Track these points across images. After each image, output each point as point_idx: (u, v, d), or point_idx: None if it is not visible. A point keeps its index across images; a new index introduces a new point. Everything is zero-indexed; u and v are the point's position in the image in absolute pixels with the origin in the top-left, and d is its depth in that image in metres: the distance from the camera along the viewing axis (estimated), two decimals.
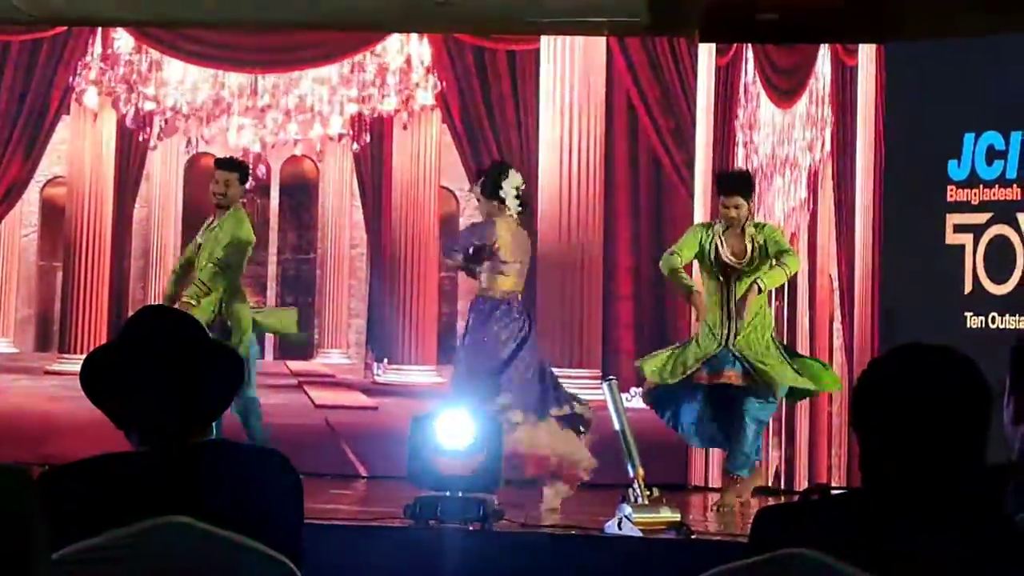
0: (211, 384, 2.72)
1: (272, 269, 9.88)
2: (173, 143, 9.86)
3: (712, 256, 7.78)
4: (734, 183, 7.91)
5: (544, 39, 9.60)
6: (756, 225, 7.89)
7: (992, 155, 8.57)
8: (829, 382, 8.02)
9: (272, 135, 9.86)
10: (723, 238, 7.78)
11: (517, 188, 7.71)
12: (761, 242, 7.76)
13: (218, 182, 7.95)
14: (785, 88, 9.45)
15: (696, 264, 7.99)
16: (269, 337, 9.82)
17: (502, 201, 7.65)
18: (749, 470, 7.87)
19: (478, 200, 7.79)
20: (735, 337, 7.71)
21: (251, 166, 8.68)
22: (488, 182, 7.70)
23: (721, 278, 7.79)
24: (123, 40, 9.83)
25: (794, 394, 8.02)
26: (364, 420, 9.46)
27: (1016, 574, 2.23)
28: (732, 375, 7.72)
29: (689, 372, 7.73)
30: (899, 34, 9.09)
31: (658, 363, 7.83)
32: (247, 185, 8.23)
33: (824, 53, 9.37)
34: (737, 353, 7.71)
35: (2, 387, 9.68)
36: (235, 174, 7.98)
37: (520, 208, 7.72)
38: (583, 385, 9.40)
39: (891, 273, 8.94)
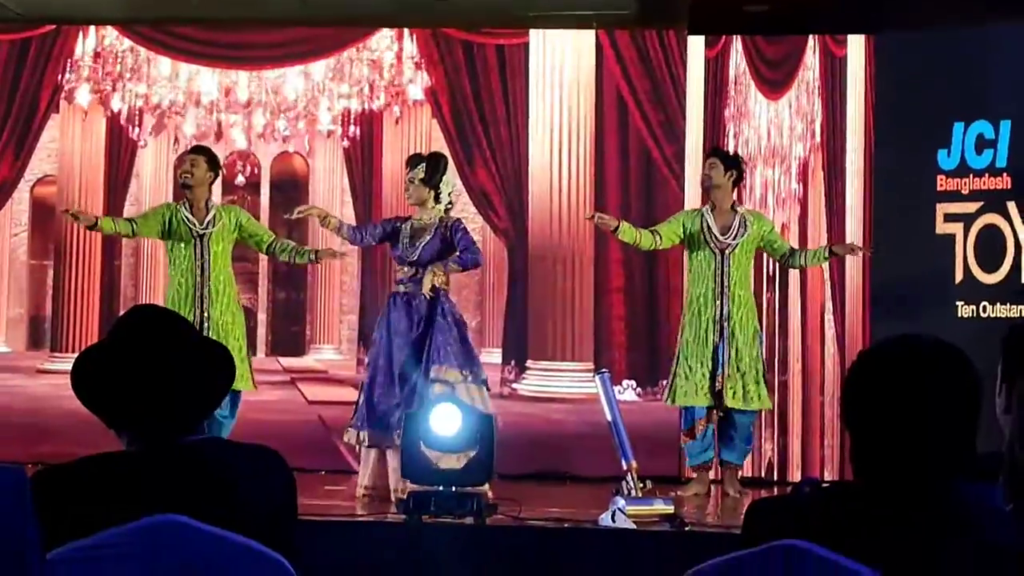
0: (202, 382, 2.72)
1: (263, 266, 9.87)
2: (163, 141, 9.85)
3: (705, 234, 7.98)
4: (712, 149, 8.45)
5: (533, 33, 9.60)
6: (750, 211, 8.23)
7: (982, 144, 8.57)
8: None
9: (262, 132, 9.86)
10: (712, 216, 8.00)
11: (451, 186, 7.77)
12: (756, 228, 8.01)
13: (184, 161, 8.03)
14: (775, 79, 9.45)
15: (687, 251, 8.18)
16: (261, 334, 9.84)
17: (438, 194, 7.65)
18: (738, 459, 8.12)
19: (411, 182, 7.67)
20: (728, 315, 7.84)
21: (241, 162, 8.72)
22: (431, 170, 7.64)
23: (715, 253, 7.95)
24: (112, 38, 9.83)
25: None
26: None
27: (1007, 566, 2.23)
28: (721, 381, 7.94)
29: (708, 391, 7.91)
30: (888, 24, 9.09)
31: (689, 390, 7.96)
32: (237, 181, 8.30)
33: (813, 44, 9.37)
34: (727, 355, 7.86)
35: None
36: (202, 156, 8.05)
37: (448, 207, 7.72)
38: (575, 378, 9.42)
39: (882, 263, 8.95)
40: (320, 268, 9.65)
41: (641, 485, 6.70)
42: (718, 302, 7.92)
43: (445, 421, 6.63)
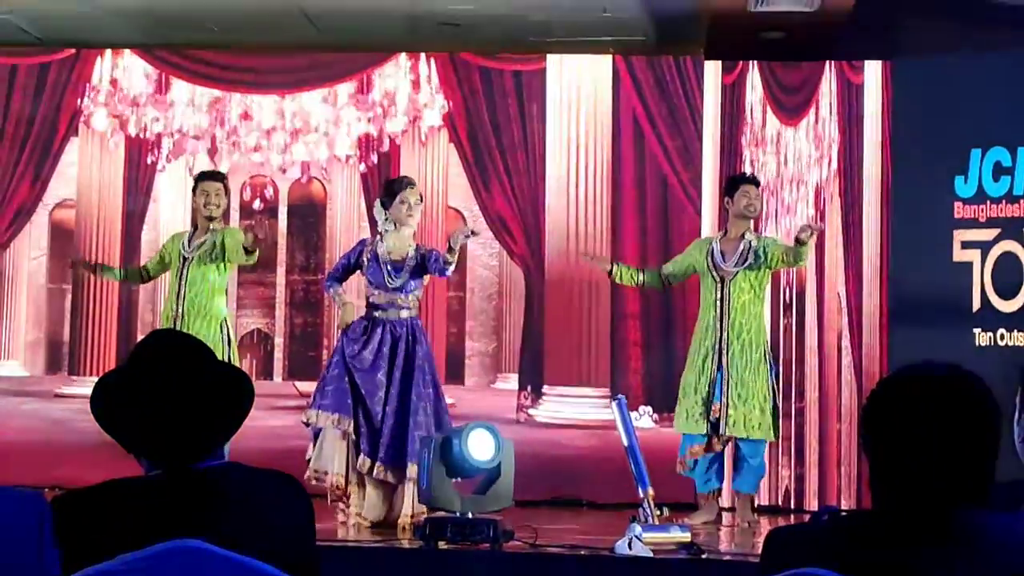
0: (221, 407, 2.72)
1: (280, 290, 9.88)
2: (181, 165, 9.88)
3: (709, 261, 7.94)
4: (749, 176, 8.33)
5: (550, 58, 9.63)
6: (757, 237, 8.10)
7: (999, 171, 8.56)
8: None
9: (280, 156, 9.88)
10: (720, 244, 7.98)
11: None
12: (759, 248, 7.89)
13: (209, 193, 7.95)
14: (791, 105, 9.46)
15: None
16: (278, 358, 9.84)
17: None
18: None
19: (416, 205, 7.50)
20: (728, 342, 7.78)
21: (259, 187, 8.69)
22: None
23: (717, 280, 7.91)
24: (131, 62, 9.86)
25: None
26: None
27: None
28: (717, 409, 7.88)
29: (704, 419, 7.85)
30: (905, 51, 9.09)
31: (683, 417, 7.96)
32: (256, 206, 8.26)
33: (830, 70, 9.37)
34: (726, 384, 7.80)
35: (12, 410, 9.69)
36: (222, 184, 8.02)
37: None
38: (592, 404, 9.41)
39: (899, 290, 8.93)
40: None
41: (658, 512, 6.69)
42: (718, 329, 7.87)
43: (467, 447, 6.64)
